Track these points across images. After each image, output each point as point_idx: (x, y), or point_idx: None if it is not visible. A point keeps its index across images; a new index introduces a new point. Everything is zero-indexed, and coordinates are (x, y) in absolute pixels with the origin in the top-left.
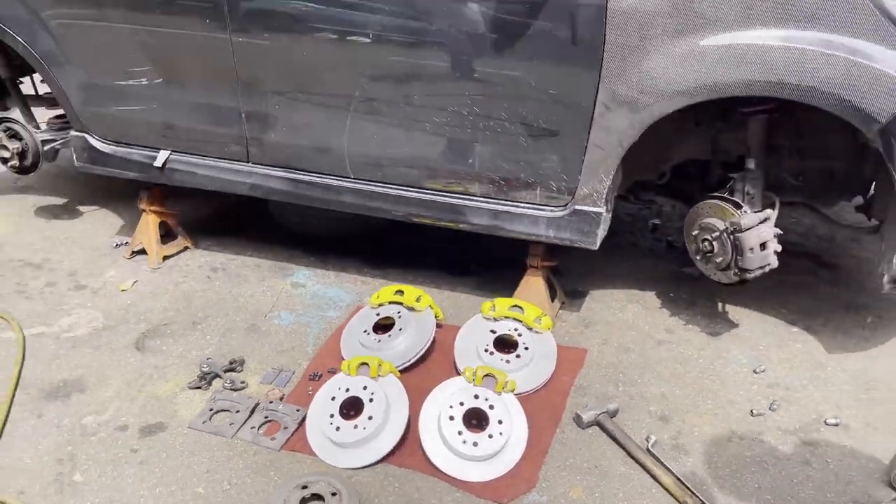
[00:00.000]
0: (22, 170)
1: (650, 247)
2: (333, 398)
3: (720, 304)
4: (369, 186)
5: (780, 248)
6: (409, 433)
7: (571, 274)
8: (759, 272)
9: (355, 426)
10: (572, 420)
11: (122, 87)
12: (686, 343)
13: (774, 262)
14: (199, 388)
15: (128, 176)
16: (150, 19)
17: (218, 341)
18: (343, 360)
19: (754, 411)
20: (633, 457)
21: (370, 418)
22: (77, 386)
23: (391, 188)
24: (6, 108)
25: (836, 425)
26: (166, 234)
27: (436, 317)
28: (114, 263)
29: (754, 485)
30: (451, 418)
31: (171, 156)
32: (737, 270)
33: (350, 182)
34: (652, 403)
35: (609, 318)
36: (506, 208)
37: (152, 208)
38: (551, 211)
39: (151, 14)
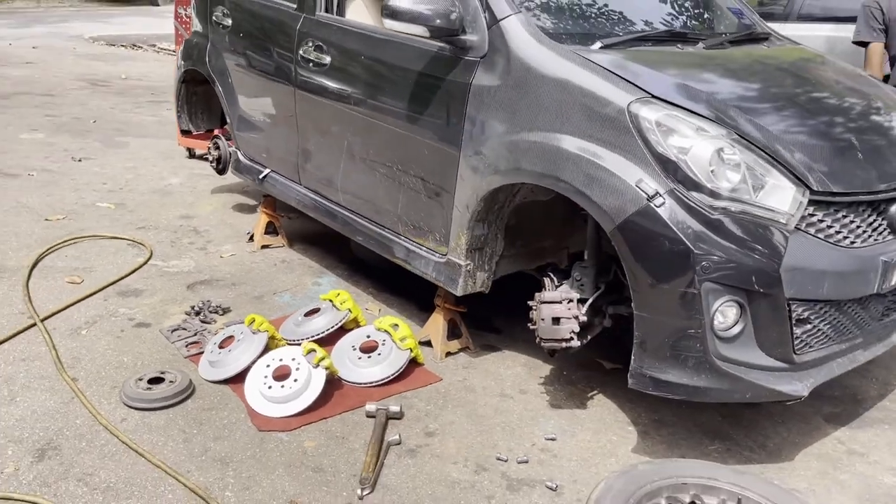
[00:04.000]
0: (218, 171)
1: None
2: (222, 333)
3: (593, 391)
4: (348, 215)
5: (577, 329)
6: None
7: (506, 335)
8: (554, 345)
9: (219, 352)
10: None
11: (253, 121)
12: (522, 403)
13: (574, 343)
14: (188, 314)
15: (250, 183)
16: (261, 77)
17: (232, 297)
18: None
19: (501, 456)
20: (370, 439)
21: (230, 351)
22: (137, 293)
23: (357, 218)
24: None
25: (553, 489)
26: (273, 232)
27: (355, 319)
28: (236, 243)
29: (428, 491)
30: (268, 366)
31: (270, 173)
32: (540, 339)
33: (340, 209)
34: (436, 423)
35: (490, 370)
36: (414, 248)
37: (264, 210)
38: (438, 256)
39: (263, 76)
